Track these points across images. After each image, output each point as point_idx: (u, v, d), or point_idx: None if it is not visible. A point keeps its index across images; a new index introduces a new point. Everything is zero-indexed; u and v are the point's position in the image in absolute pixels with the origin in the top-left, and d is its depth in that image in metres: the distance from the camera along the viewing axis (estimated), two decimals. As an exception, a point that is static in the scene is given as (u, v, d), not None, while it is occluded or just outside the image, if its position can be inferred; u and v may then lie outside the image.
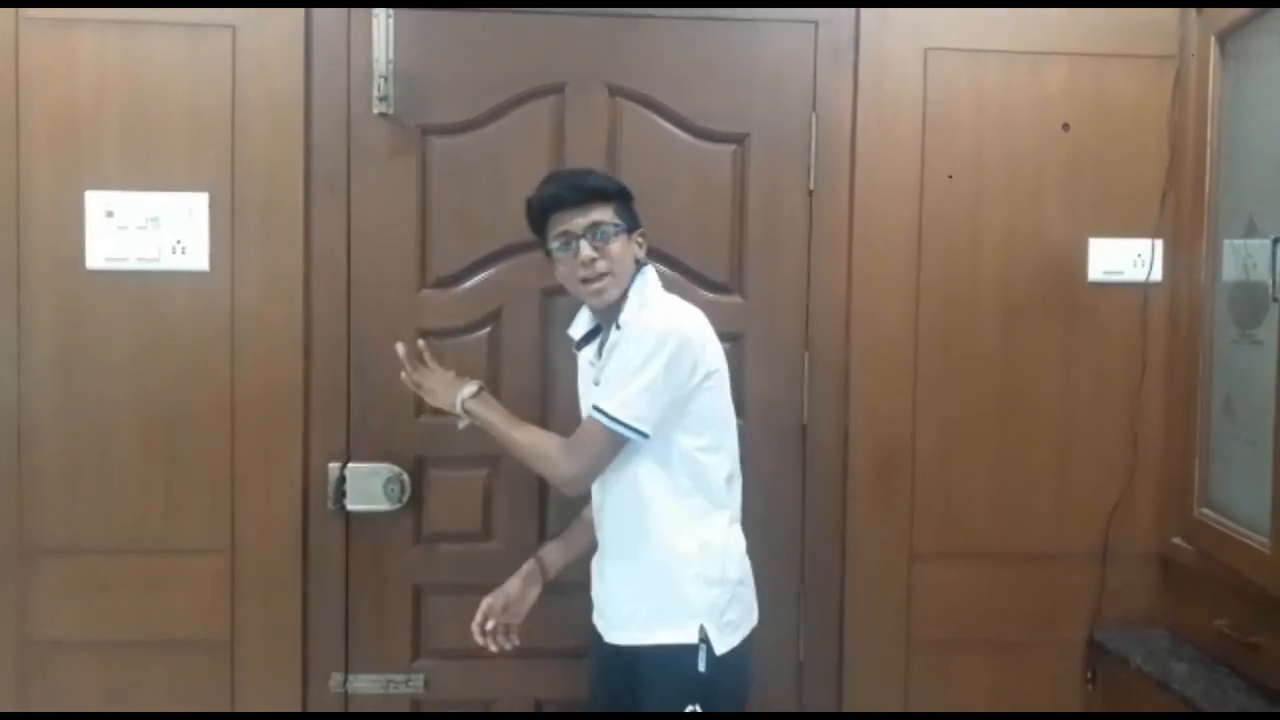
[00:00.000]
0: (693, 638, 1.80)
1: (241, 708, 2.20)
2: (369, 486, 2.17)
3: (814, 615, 2.30)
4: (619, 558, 1.90)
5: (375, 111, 2.15)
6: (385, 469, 2.18)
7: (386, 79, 2.13)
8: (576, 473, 1.84)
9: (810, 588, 2.29)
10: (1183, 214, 2.27)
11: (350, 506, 2.18)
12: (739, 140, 2.24)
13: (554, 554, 2.06)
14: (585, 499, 2.01)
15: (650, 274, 1.92)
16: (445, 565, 2.24)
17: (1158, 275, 2.29)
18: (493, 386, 2.18)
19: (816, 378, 2.27)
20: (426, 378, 2.01)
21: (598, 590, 1.97)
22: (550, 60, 2.20)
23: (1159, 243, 2.28)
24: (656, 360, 1.76)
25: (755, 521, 2.24)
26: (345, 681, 2.22)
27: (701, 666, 1.79)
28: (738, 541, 1.93)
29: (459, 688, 2.26)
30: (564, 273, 1.88)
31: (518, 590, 2.00)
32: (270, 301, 2.17)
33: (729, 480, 1.91)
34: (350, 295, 2.20)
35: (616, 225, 1.84)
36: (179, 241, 2.15)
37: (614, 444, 1.81)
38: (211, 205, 2.15)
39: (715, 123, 2.24)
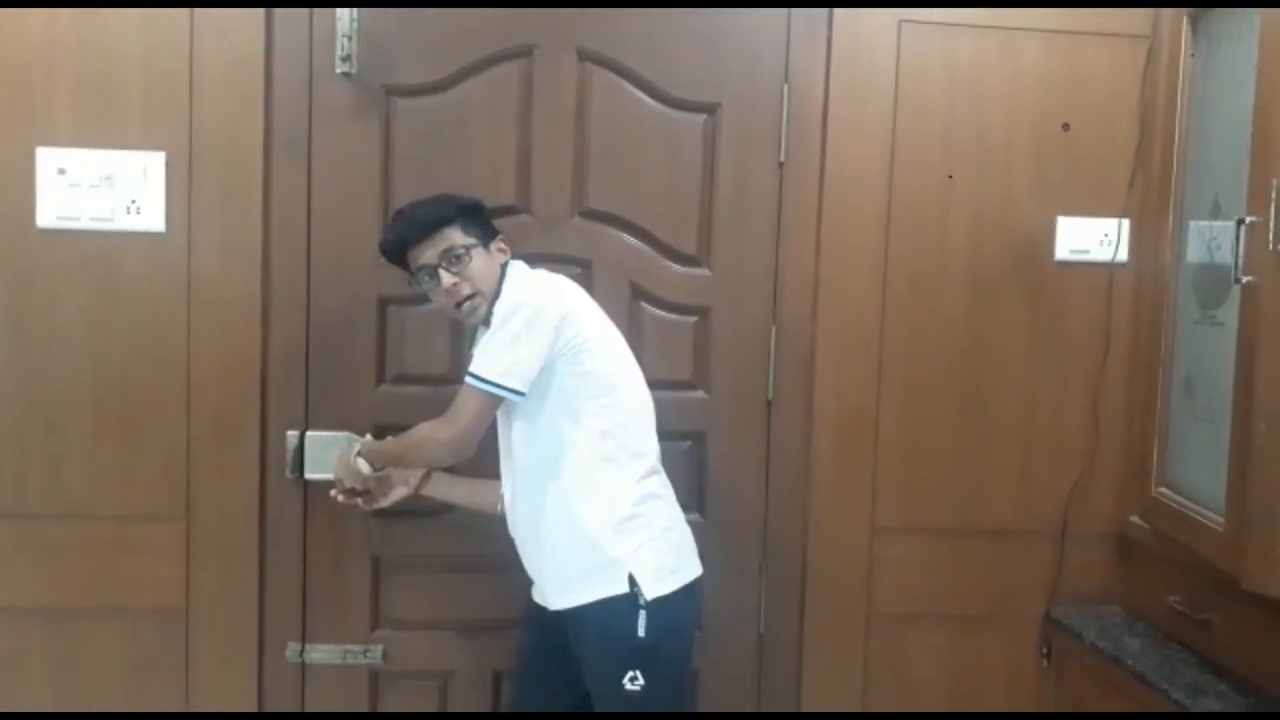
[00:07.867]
0: (623, 587, 1.83)
1: (196, 677, 2.17)
2: (328, 455, 2.12)
3: (776, 588, 2.30)
4: (541, 525, 1.92)
5: (338, 71, 2.10)
6: (344, 437, 2.13)
7: (350, 38, 2.08)
8: (451, 435, 1.87)
9: (772, 561, 2.30)
10: (1150, 194, 2.27)
11: (309, 475, 2.15)
12: (710, 110, 2.22)
13: (448, 483, 2.08)
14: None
15: (515, 268, 1.96)
16: (404, 536, 2.22)
17: (1124, 255, 2.29)
18: (456, 352, 2.16)
19: (783, 352, 2.26)
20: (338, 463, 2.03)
21: (530, 565, 1.98)
22: (519, 22, 2.16)
23: (1126, 222, 2.29)
24: (514, 321, 1.82)
25: (718, 494, 2.26)
26: (302, 651, 2.20)
27: (635, 614, 1.82)
28: (659, 490, 1.94)
29: (417, 659, 2.25)
30: (439, 301, 1.94)
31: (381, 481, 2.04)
32: (228, 264, 2.12)
33: (638, 429, 1.93)
34: (310, 259, 2.16)
35: (467, 245, 1.90)
36: (134, 201, 2.09)
37: (486, 405, 1.85)
38: (168, 165, 2.09)
39: (686, 91, 2.20)
